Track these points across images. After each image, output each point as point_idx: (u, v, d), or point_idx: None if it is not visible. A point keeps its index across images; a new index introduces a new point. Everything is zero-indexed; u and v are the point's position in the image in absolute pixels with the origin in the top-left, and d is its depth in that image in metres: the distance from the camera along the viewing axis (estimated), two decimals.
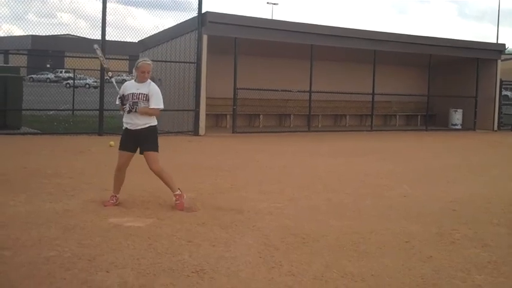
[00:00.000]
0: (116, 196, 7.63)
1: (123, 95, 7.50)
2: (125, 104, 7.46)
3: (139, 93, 7.42)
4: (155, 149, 7.55)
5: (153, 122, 7.57)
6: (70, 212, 7.15)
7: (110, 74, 8.06)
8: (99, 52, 8.13)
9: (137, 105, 7.41)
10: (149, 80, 7.57)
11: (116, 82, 7.92)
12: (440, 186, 10.24)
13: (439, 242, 6.40)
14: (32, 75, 45.65)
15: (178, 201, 7.54)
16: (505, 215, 7.88)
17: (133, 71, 7.64)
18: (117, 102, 7.59)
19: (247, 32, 19.31)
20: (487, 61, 25.21)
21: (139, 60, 7.63)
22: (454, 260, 5.70)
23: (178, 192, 7.59)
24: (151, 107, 7.45)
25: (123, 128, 7.63)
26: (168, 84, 19.43)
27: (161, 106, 7.56)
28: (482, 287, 4.99)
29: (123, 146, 7.59)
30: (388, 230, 6.80)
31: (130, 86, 7.54)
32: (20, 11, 23.82)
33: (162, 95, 7.64)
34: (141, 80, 7.48)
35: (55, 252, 5.46)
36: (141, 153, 7.56)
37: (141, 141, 7.51)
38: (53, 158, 12.03)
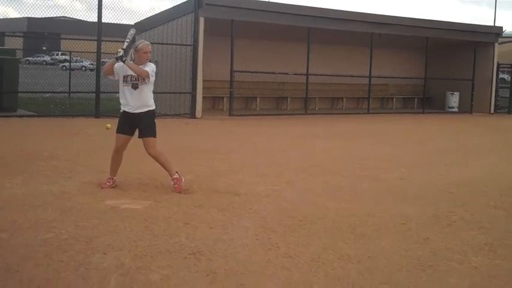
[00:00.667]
0: (112, 178, 7.62)
1: (120, 74, 7.43)
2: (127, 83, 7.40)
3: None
4: (153, 134, 7.51)
5: (151, 106, 7.52)
6: (67, 194, 7.15)
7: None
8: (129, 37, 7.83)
9: (137, 87, 7.37)
10: (150, 63, 7.53)
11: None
12: (437, 169, 10.25)
13: (436, 224, 6.42)
14: (28, 58, 45.51)
15: (176, 185, 7.53)
16: (501, 198, 7.90)
17: (131, 53, 7.49)
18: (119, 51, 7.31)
19: (244, 14, 19.22)
20: (485, 44, 25.15)
21: (138, 42, 7.54)
22: (450, 242, 5.72)
23: (176, 175, 7.59)
24: (145, 69, 7.32)
25: (121, 110, 7.58)
26: (164, 67, 19.38)
27: (151, 75, 7.34)
28: (478, 268, 5.01)
29: (120, 129, 7.55)
30: (384, 213, 6.81)
31: (123, 68, 7.42)
32: None
33: (159, 77, 7.59)
34: (142, 61, 7.38)
35: (52, 234, 5.46)
36: (139, 137, 7.54)
37: (139, 126, 7.48)
38: (49, 141, 12.01)
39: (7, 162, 9.20)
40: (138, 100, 7.41)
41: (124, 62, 7.23)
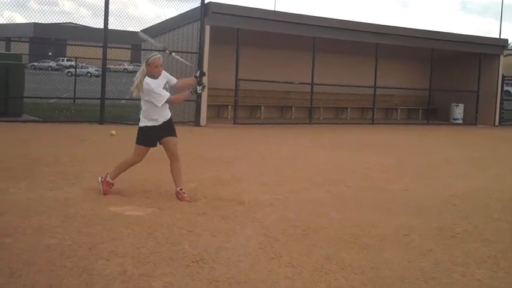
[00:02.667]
0: (112, 183, 7.61)
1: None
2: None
3: (164, 86, 7.51)
4: (176, 134, 7.67)
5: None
6: (71, 200, 7.17)
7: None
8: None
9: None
10: (163, 71, 7.58)
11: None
12: (441, 181, 10.25)
13: (439, 235, 6.41)
14: (34, 63, 45.68)
15: (185, 194, 7.53)
16: (505, 210, 7.89)
17: (144, 67, 7.45)
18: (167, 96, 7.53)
19: (250, 23, 19.27)
20: (490, 56, 25.15)
21: (149, 56, 7.52)
22: (453, 254, 5.71)
23: (181, 187, 7.59)
24: (177, 81, 7.79)
25: (147, 125, 7.49)
26: (170, 74, 19.38)
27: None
28: (481, 281, 5.00)
29: (149, 143, 7.54)
30: (388, 223, 6.81)
31: (158, 84, 7.47)
32: None
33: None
34: (154, 75, 7.41)
35: (55, 240, 5.47)
36: (168, 136, 7.53)
37: (169, 130, 7.56)
38: (54, 146, 12.03)
39: (11, 167, 9.22)
40: (167, 109, 7.62)
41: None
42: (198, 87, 7.68)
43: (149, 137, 7.52)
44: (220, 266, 4.98)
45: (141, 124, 7.54)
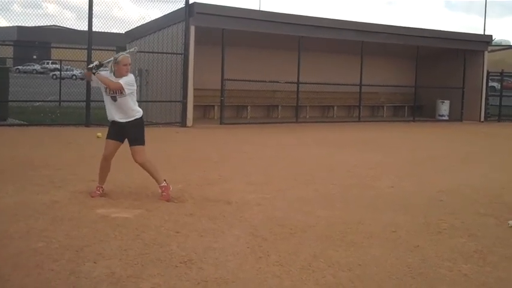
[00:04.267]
0: (101, 187, 7.61)
1: (105, 87, 7.41)
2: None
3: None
4: (141, 142, 7.51)
5: (136, 115, 7.51)
6: (58, 203, 7.14)
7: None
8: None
9: (116, 99, 7.36)
10: (130, 73, 7.48)
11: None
12: (427, 177, 10.29)
13: (426, 231, 6.44)
14: (18, 67, 45.36)
15: (164, 193, 7.53)
16: (492, 205, 7.93)
17: (111, 66, 7.44)
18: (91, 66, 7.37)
19: (235, 23, 19.28)
20: (474, 52, 25.30)
21: (118, 54, 7.48)
22: (440, 249, 5.74)
23: (164, 183, 7.58)
24: (118, 81, 7.28)
25: (109, 119, 7.59)
26: (155, 76, 19.40)
27: (127, 86, 7.32)
28: (468, 276, 5.03)
29: (110, 135, 7.57)
30: (375, 220, 6.83)
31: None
32: (5, 1, 23.72)
33: (150, 86, 7.62)
34: (122, 73, 7.33)
35: (43, 243, 5.45)
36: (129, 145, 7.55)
37: (127, 134, 7.49)
38: (40, 150, 11.99)
39: None
40: (120, 111, 7.41)
41: (94, 73, 7.24)
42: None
43: (110, 129, 7.61)
44: (208, 266, 4.98)
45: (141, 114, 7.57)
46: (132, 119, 7.46)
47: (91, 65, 7.35)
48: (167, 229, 6.13)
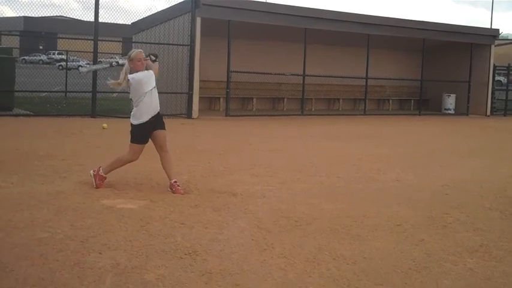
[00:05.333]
0: (105, 177, 7.60)
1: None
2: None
3: None
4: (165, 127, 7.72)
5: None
6: (62, 193, 7.15)
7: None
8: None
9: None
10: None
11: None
12: (432, 171, 10.27)
13: (431, 225, 6.43)
14: (25, 57, 45.46)
15: (179, 186, 7.52)
16: (497, 200, 7.92)
17: (128, 63, 7.50)
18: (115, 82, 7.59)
19: (241, 15, 19.22)
20: (481, 46, 25.18)
21: (131, 52, 7.54)
22: (445, 243, 5.74)
23: (174, 179, 7.58)
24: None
25: (143, 122, 7.48)
26: (161, 67, 19.21)
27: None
28: (473, 270, 5.02)
29: (144, 139, 7.56)
30: (380, 214, 6.82)
31: (143, 74, 7.47)
32: None
33: (156, 77, 7.65)
34: (139, 69, 7.40)
35: (47, 233, 5.46)
36: (159, 129, 7.60)
37: (160, 121, 7.63)
38: (45, 140, 12.00)
39: (3, 161, 9.19)
40: (157, 100, 7.67)
41: (154, 61, 7.68)
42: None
43: (143, 134, 7.52)
44: (213, 258, 4.98)
45: (135, 122, 7.51)
46: (158, 109, 7.67)
47: (151, 56, 7.62)
48: (172, 220, 6.14)
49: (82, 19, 20.68)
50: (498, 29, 27.23)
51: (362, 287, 4.57)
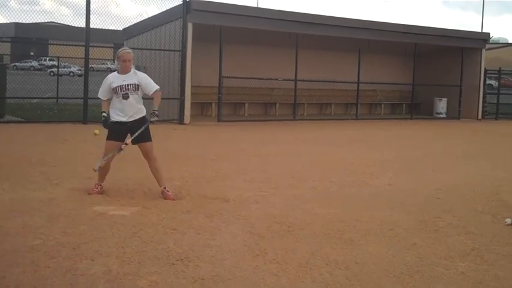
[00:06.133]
0: (100, 185, 7.60)
1: (111, 88, 7.43)
2: (117, 95, 7.42)
3: (127, 84, 7.38)
4: (151, 138, 7.62)
5: (144, 112, 7.57)
6: (54, 200, 7.13)
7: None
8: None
9: (128, 96, 7.37)
10: (133, 69, 7.52)
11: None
12: (425, 175, 10.30)
13: (423, 229, 6.45)
14: (16, 63, 45.31)
15: (168, 192, 7.51)
16: (489, 203, 7.94)
17: (116, 62, 7.57)
18: (101, 96, 7.64)
19: (233, 20, 19.24)
20: (472, 50, 25.26)
21: (119, 50, 7.57)
22: (437, 247, 5.75)
23: (164, 186, 7.58)
24: (154, 92, 7.54)
25: (111, 121, 7.53)
26: (152, 73, 19.29)
27: (157, 86, 7.61)
28: (465, 274, 5.03)
29: (112, 136, 7.53)
30: (372, 218, 6.83)
31: (115, 79, 7.45)
32: None
33: None
34: (124, 70, 7.40)
35: (39, 240, 5.44)
36: (133, 143, 7.51)
37: (133, 132, 7.48)
38: (37, 146, 11.96)
39: None
40: (131, 109, 7.45)
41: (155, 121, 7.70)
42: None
43: (110, 130, 7.59)
44: (205, 264, 4.98)
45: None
46: (139, 116, 7.52)
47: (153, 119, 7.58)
48: (164, 226, 6.13)
49: (73, 25, 20.56)
50: (489, 33, 27.33)
51: None
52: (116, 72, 7.59)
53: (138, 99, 7.50)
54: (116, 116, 7.49)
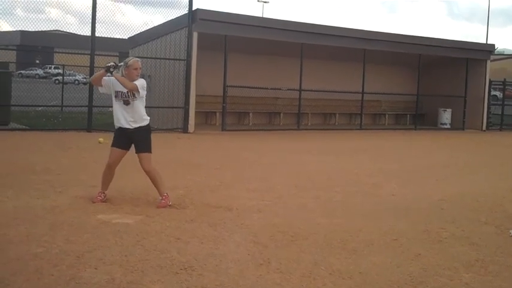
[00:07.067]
0: (103, 193, 7.60)
1: (110, 85, 7.46)
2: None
3: (128, 92, 7.38)
4: (148, 149, 7.55)
5: (145, 121, 7.55)
6: (58, 208, 7.13)
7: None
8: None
9: (128, 103, 7.40)
10: (141, 78, 7.54)
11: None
12: (428, 185, 10.28)
13: (427, 240, 6.43)
14: (21, 71, 45.37)
15: (163, 201, 7.51)
16: (492, 214, 7.92)
17: (122, 70, 7.53)
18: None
19: (238, 30, 19.29)
20: (477, 61, 25.28)
21: (129, 58, 7.58)
22: (441, 258, 5.73)
23: (165, 195, 7.57)
24: (133, 83, 7.38)
25: (115, 127, 7.60)
26: (157, 82, 19.39)
27: (141, 88, 7.40)
28: (469, 285, 5.02)
29: (116, 143, 7.56)
30: (376, 228, 6.82)
31: (118, 84, 7.46)
32: (7, 5, 23.76)
33: (152, 92, 7.63)
34: (132, 77, 7.40)
35: (43, 248, 5.44)
36: (135, 152, 7.54)
37: (135, 141, 7.50)
38: (41, 154, 11.98)
39: None
40: (131, 116, 7.45)
41: (111, 72, 7.31)
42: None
43: (115, 137, 7.64)
44: (208, 273, 4.97)
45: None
46: (142, 124, 7.51)
47: (109, 64, 7.41)
48: (168, 235, 6.12)
49: (79, 33, 20.63)
50: (494, 44, 27.37)
51: None
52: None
53: (138, 104, 7.47)
54: (117, 123, 7.54)
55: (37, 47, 45.33)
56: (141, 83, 7.43)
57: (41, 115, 20.23)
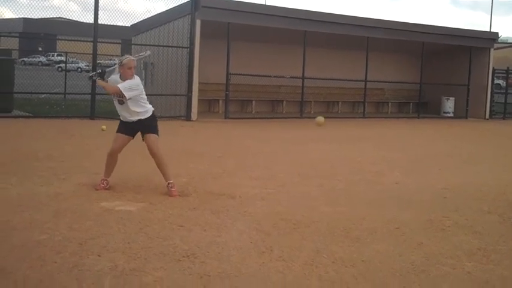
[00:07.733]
0: (106, 180, 7.60)
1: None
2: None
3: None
4: (156, 131, 7.57)
5: (146, 112, 7.54)
6: (61, 195, 7.15)
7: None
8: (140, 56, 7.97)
9: (123, 102, 7.40)
10: (135, 76, 7.49)
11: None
12: (431, 174, 10.27)
13: (430, 228, 6.43)
14: (24, 59, 45.37)
15: (173, 188, 7.49)
16: (495, 203, 7.91)
17: (117, 69, 7.52)
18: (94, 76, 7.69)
19: (241, 17, 19.24)
20: (480, 49, 25.20)
21: (123, 57, 7.51)
22: (444, 246, 5.73)
23: (171, 180, 7.56)
24: (116, 86, 7.33)
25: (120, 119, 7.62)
26: (160, 69, 19.40)
27: (126, 93, 7.29)
28: (471, 273, 5.02)
29: (120, 129, 7.56)
30: (379, 217, 6.82)
31: (116, 82, 7.44)
32: None
33: (155, 79, 7.63)
34: (127, 76, 7.37)
35: (46, 235, 5.46)
36: (142, 135, 7.54)
37: (141, 128, 7.52)
38: (44, 141, 12.00)
39: (2, 163, 9.18)
40: (129, 113, 7.48)
41: (94, 81, 7.40)
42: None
43: (121, 123, 7.66)
44: (211, 261, 4.98)
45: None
46: (143, 117, 7.51)
47: (91, 74, 7.53)
48: (171, 223, 6.13)
49: (81, 21, 20.66)
50: (497, 33, 27.26)
51: None
52: (117, 77, 7.49)
53: (132, 104, 7.43)
54: (122, 117, 7.55)
55: (40, 34, 45.31)
56: (130, 83, 7.33)
57: (44, 102, 20.23)
